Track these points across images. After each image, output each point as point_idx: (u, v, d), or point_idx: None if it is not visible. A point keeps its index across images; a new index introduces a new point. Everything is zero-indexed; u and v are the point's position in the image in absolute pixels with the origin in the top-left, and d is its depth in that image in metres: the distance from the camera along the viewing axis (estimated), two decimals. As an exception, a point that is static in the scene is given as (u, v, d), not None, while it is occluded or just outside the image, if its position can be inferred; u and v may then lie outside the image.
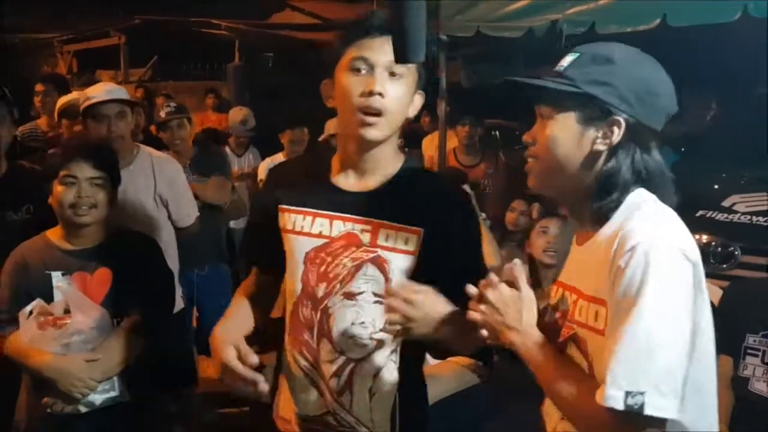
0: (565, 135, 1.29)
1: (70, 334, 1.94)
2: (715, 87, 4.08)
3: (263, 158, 5.06)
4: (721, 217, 3.50)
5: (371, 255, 1.55)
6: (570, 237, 1.45)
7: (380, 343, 1.56)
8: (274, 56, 12.58)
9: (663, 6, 3.29)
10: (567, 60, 1.32)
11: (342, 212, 1.58)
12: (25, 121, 4.26)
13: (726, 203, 3.57)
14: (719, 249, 3.36)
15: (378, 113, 1.50)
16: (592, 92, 1.26)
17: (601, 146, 1.28)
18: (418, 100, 1.60)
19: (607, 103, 1.26)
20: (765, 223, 3.39)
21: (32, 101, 4.34)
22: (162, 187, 3.02)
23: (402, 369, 1.59)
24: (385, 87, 1.50)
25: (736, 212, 3.51)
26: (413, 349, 1.59)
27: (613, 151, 1.28)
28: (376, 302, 1.53)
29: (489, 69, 5.72)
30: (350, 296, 1.55)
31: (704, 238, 3.35)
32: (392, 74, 1.51)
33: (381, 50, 1.50)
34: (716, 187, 3.80)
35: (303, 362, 1.61)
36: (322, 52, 1.68)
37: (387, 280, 1.54)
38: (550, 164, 1.31)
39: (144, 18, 12.00)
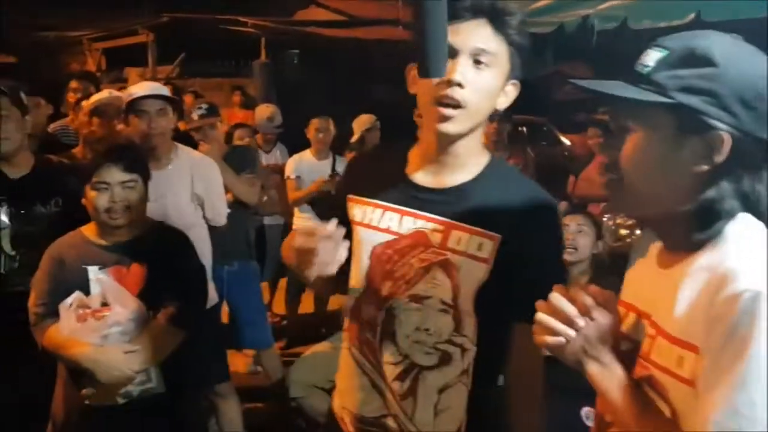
0: (653, 154, 1.05)
1: (109, 325, 1.97)
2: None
3: (290, 155, 5.09)
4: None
5: (440, 258, 1.41)
6: (644, 248, 1.21)
7: (447, 357, 1.43)
8: (300, 53, 12.63)
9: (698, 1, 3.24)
10: (652, 58, 1.06)
11: (414, 208, 1.45)
12: (56, 119, 4.32)
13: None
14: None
15: (456, 105, 1.35)
16: (689, 103, 1.01)
17: (700, 167, 1.03)
18: (512, 92, 1.44)
19: (708, 115, 1.01)
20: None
21: (63, 99, 4.40)
22: (199, 187, 3.05)
23: (474, 393, 1.45)
24: (467, 76, 1.35)
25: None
26: (488, 370, 1.44)
27: (715, 171, 1.03)
28: (442, 310, 1.41)
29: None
30: (416, 299, 1.43)
31: None
32: (477, 62, 1.36)
33: (468, 35, 1.35)
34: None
35: (363, 361, 1.51)
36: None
37: (454, 287, 1.41)
38: (637, 187, 1.08)
39: (172, 15, 12.11)
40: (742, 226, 1.04)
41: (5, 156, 2.43)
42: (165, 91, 3.07)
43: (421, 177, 1.47)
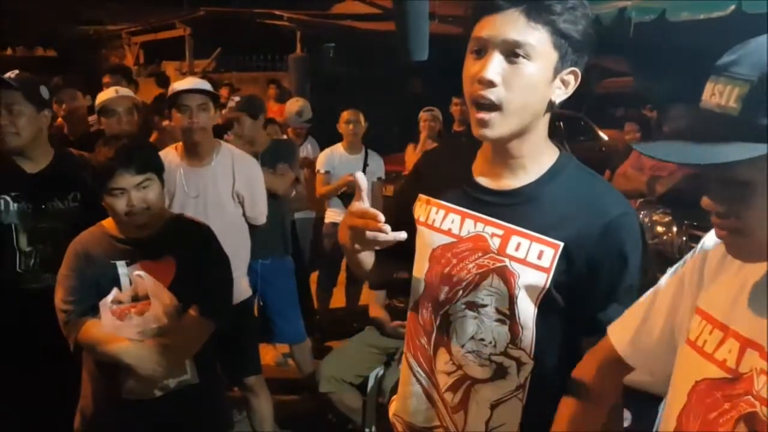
0: None
1: (148, 320, 1.99)
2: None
3: (322, 149, 5.10)
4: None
5: (498, 264, 1.31)
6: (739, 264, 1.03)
7: (502, 370, 1.35)
8: (336, 47, 12.65)
9: (738, -8, 3.15)
10: (732, 95, 0.86)
11: (475, 211, 1.36)
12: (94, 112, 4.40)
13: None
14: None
15: (492, 106, 1.24)
16: None
17: None
18: (570, 81, 1.28)
19: None
20: None
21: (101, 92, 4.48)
22: (240, 185, 3.05)
23: (528, 410, 1.35)
24: (499, 74, 1.22)
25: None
26: (546, 385, 1.34)
27: None
28: (498, 320, 1.33)
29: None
30: (473, 307, 1.35)
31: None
32: (514, 55, 1.23)
33: (498, 27, 1.23)
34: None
35: (417, 368, 1.45)
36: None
37: (512, 296, 1.31)
38: (764, 240, 0.92)
39: (209, 10, 12.25)
40: None
41: (20, 150, 2.40)
42: (207, 86, 3.07)
43: (484, 178, 1.37)
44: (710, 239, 1.09)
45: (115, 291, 2.01)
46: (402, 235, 1.27)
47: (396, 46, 1.32)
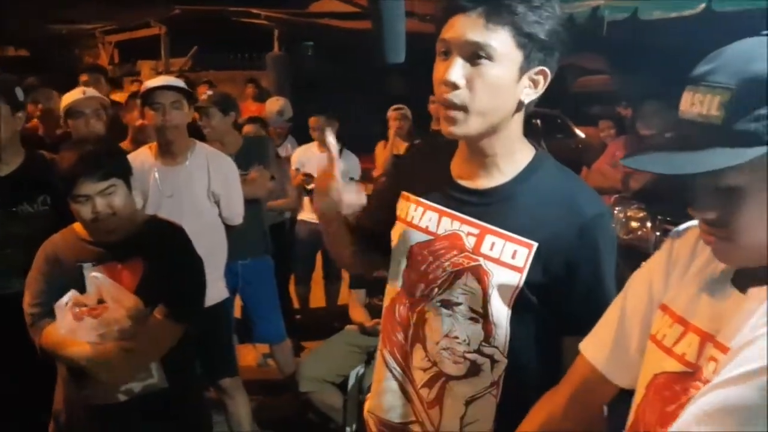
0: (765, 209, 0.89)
1: (107, 323, 1.96)
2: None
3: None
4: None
5: (472, 263, 1.32)
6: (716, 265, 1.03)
7: (476, 367, 1.36)
8: (315, 45, 12.61)
9: (708, -10, 3.20)
10: (713, 104, 0.88)
11: (452, 209, 1.37)
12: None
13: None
14: None
15: (457, 107, 1.25)
16: None
17: None
18: (539, 81, 1.27)
19: None
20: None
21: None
22: (216, 184, 3.03)
23: (502, 407, 1.37)
24: (463, 76, 1.23)
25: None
26: (519, 383, 1.35)
27: None
28: (472, 318, 1.34)
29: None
30: (448, 305, 1.36)
31: None
32: (476, 57, 1.23)
33: (459, 30, 1.23)
34: None
35: (393, 364, 1.46)
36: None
37: (485, 295, 1.31)
38: (753, 246, 0.92)
39: (184, 8, 12.15)
40: None
41: None
42: (180, 83, 3.04)
43: (462, 177, 1.39)
44: (676, 241, 1.10)
45: (71, 293, 1.96)
46: (362, 198, 1.34)
47: (373, 49, 1.32)
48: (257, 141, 4.18)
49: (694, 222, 1.04)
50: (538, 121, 9.46)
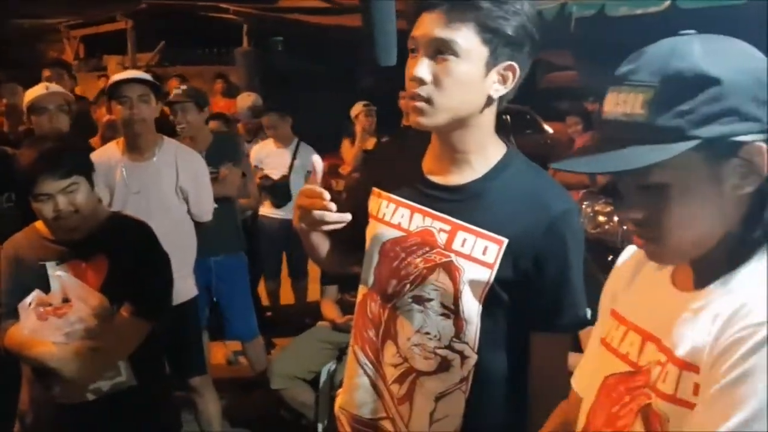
0: (697, 204, 0.89)
1: (72, 322, 1.93)
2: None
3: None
4: None
5: (444, 259, 1.34)
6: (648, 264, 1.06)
7: (446, 363, 1.37)
8: (285, 40, 12.53)
9: (673, -13, 3.26)
10: (637, 102, 0.88)
11: (424, 206, 1.38)
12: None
13: None
14: None
15: (424, 99, 1.28)
16: (717, 134, 0.86)
17: (746, 188, 0.89)
18: (508, 76, 1.29)
19: (736, 134, 0.86)
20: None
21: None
22: (184, 179, 2.99)
23: (471, 402, 1.38)
24: (428, 72, 1.26)
25: None
26: (489, 378, 1.37)
27: (758, 189, 0.89)
28: (443, 314, 1.35)
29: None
30: (419, 301, 1.37)
31: None
32: (440, 54, 1.25)
33: (425, 27, 1.26)
34: None
35: (364, 360, 1.46)
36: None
37: (457, 291, 1.33)
38: (683, 243, 0.93)
39: (151, 3, 11.99)
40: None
41: None
42: (147, 76, 3.01)
43: (433, 173, 1.40)
44: (624, 261, 1.13)
45: (35, 293, 1.93)
46: (347, 216, 1.31)
47: (365, 50, 1.32)
48: (228, 138, 4.14)
49: None
50: (508, 117, 9.52)
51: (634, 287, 1.08)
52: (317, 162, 1.36)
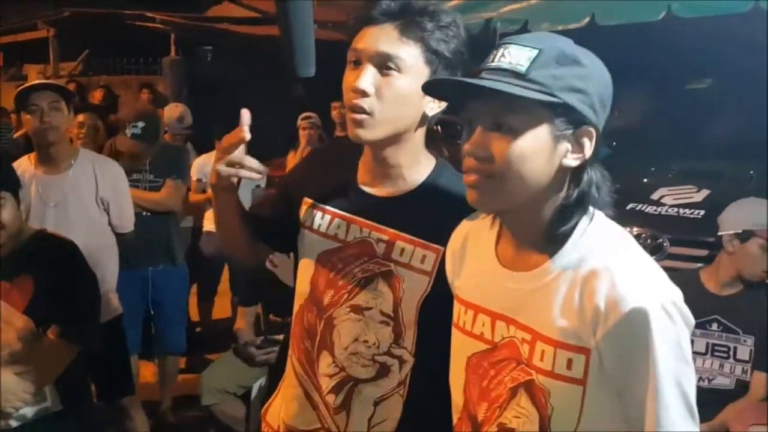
0: (537, 151, 1.05)
1: None
2: (643, 84, 4.22)
3: (199, 155, 4.98)
4: (650, 210, 3.62)
5: (383, 269, 1.38)
6: (479, 246, 1.23)
7: (385, 369, 1.40)
8: (214, 50, 12.33)
9: (592, 5, 3.39)
10: (523, 56, 1.05)
11: (361, 217, 1.40)
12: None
13: (655, 196, 3.70)
14: (649, 241, 3.48)
15: (365, 113, 1.30)
16: (572, 102, 1.05)
17: (572, 162, 1.08)
18: None
19: (582, 113, 1.06)
20: (690, 216, 3.52)
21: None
22: (104, 189, 2.94)
23: (409, 405, 1.42)
24: (371, 84, 1.29)
25: (664, 205, 3.64)
26: (426, 383, 1.39)
27: (583, 165, 1.09)
28: (382, 322, 1.38)
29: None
30: (357, 310, 1.39)
31: (635, 230, 3.47)
32: (386, 68, 1.29)
33: (371, 40, 1.30)
34: (645, 180, 3.92)
35: (299, 370, 1.48)
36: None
37: (396, 299, 1.37)
38: (514, 184, 1.07)
39: (74, 10, 11.61)
40: (596, 220, 1.11)
41: None
42: (56, 82, 2.95)
43: (368, 185, 1.43)
44: (448, 248, 1.30)
45: None
46: (264, 168, 1.36)
47: (284, 61, 1.32)
48: (175, 150, 4.09)
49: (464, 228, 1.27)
50: (439, 128, 9.67)
51: (466, 270, 1.25)
52: (244, 113, 1.36)
